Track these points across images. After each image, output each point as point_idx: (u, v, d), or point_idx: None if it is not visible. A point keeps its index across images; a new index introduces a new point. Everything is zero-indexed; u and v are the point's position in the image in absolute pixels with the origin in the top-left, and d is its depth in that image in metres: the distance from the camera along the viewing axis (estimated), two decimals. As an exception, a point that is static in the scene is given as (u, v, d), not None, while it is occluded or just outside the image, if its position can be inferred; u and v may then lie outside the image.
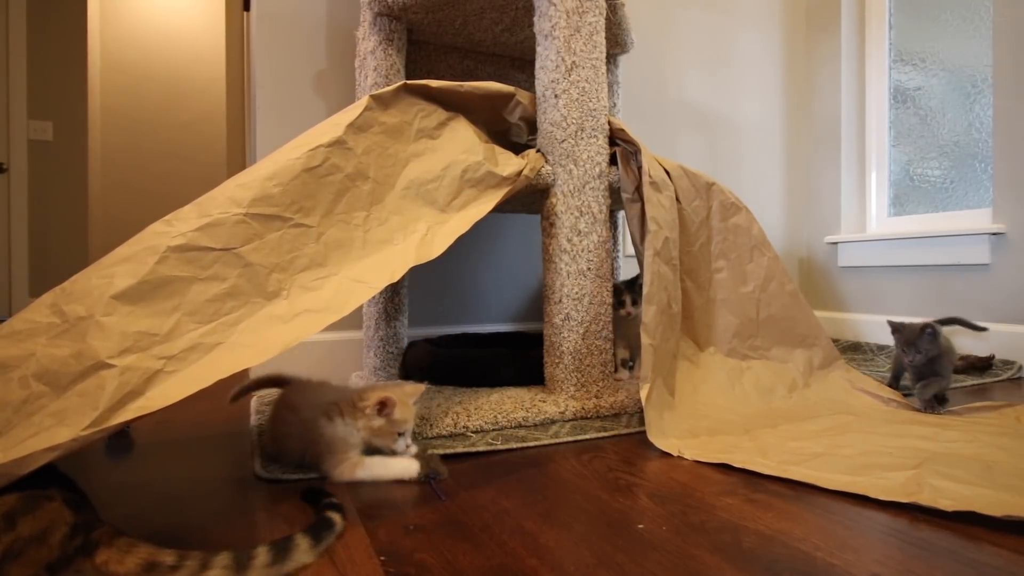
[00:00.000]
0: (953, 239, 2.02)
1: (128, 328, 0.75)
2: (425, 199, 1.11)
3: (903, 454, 0.96)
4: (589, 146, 1.32)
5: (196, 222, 0.86)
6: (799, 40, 2.59)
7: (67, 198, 3.72)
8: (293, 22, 1.70)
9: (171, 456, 1.08)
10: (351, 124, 1.05)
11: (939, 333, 1.26)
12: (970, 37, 2.12)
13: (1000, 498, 0.76)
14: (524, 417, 1.20)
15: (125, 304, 0.77)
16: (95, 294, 0.77)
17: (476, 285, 1.95)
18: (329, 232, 0.98)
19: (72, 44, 3.71)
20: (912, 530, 0.72)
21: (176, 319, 0.79)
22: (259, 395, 1.55)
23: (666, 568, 0.64)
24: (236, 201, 0.90)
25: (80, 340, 0.72)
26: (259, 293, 0.88)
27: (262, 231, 0.91)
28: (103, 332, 0.74)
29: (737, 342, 1.43)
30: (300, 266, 0.93)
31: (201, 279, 0.83)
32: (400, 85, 1.15)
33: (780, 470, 0.92)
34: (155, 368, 0.74)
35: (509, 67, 1.83)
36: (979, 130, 2.08)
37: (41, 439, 0.65)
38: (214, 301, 0.83)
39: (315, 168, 0.98)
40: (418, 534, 0.73)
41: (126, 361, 0.73)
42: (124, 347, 0.74)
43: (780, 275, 1.46)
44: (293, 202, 0.95)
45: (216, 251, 0.85)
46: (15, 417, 0.68)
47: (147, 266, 0.80)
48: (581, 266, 1.30)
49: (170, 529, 0.76)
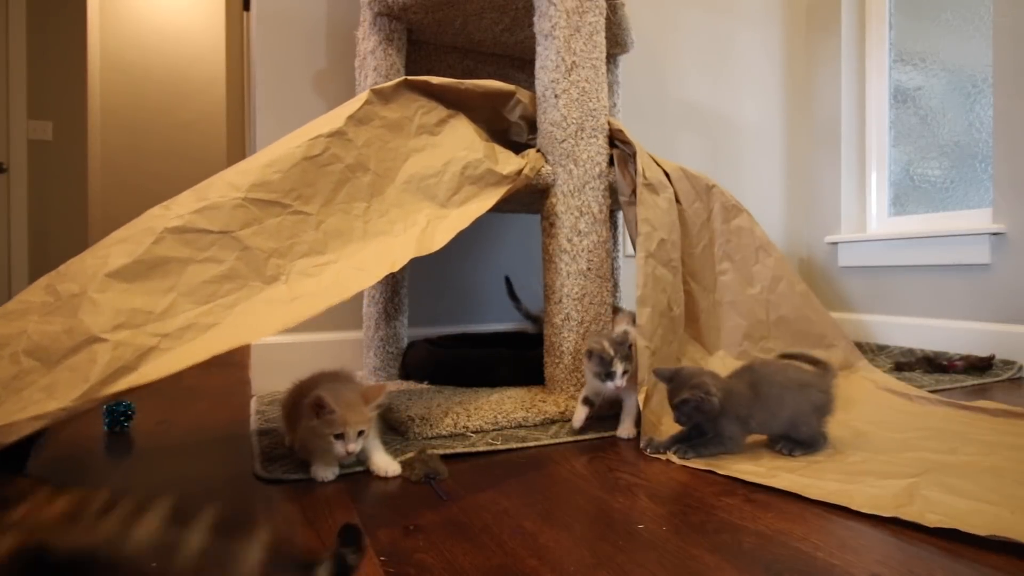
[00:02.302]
0: (953, 239, 2.02)
1: (122, 305, 0.75)
2: (425, 193, 1.11)
3: (907, 462, 0.94)
4: (589, 146, 1.32)
5: (194, 205, 0.86)
6: (799, 40, 2.59)
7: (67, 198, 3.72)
8: (293, 22, 1.70)
9: (171, 456, 1.08)
10: (351, 116, 1.05)
11: (707, 400, 0.97)
12: (970, 37, 2.12)
13: (997, 514, 0.73)
14: (524, 417, 1.20)
15: (120, 282, 0.77)
16: (89, 272, 0.76)
17: (476, 285, 1.95)
18: (329, 220, 0.98)
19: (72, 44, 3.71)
20: (913, 530, 0.72)
21: (172, 299, 0.79)
22: (260, 395, 1.55)
23: (666, 568, 0.64)
24: (235, 186, 0.90)
25: (72, 316, 0.72)
26: (257, 276, 0.87)
27: (261, 216, 0.90)
28: (96, 308, 0.73)
29: (748, 344, 1.41)
30: (299, 252, 0.93)
31: (198, 260, 0.83)
32: (401, 80, 1.15)
33: (767, 476, 0.90)
34: (149, 344, 0.74)
35: (509, 67, 1.83)
36: (979, 130, 2.08)
37: (28, 412, 0.66)
38: (211, 282, 0.83)
39: (315, 157, 0.98)
40: (418, 534, 0.73)
41: (119, 336, 0.72)
42: (117, 323, 0.73)
43: (789, 275, 1.44)
44: (292, 189, 0.95)
45: (214, 233, 0.85)
46: (4, 392, 0.68)
47: (143, 246, 0.80)
48: (581, 266, 1.30)
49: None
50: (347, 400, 0.89)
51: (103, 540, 0.54)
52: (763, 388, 1.01)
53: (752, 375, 1.02)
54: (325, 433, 0.88)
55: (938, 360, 1.76)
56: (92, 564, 0.53)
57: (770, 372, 1.03)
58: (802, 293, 1.43)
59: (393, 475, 0.94)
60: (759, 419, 1.02)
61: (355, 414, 0.89)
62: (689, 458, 0.99)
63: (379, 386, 0.94)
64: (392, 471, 0.94)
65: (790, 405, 0.99)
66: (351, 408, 0.89)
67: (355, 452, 0.90)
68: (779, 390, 1.00)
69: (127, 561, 0.54)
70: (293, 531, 0.75)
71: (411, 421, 1.13)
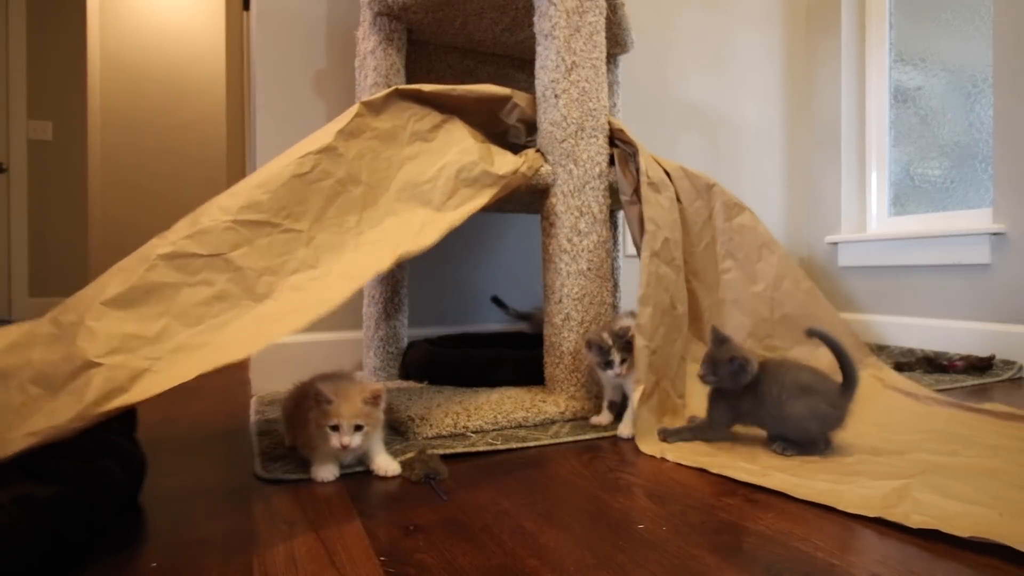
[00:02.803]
0: (953, 239, 2.02)
1: (116, 331, 0.78)
2: (420, 200, 1.11)
3: (904, 463, 0.93)
4: (589, 146, 1.32)
5: (186, 231, 0.88)
6: (799, 40, 2.59)
7: (67, 198, 3.72)
8: (293, 22, 1.70)
9: (171, 455, 1.08)
10: (341, 131, 1.06)
11: (751, 364, 1.00)
12: (970, 37, 2.12)
13: (985, 516, 0.73)
14: (524, 417, 1.20)
15: (114, 309, 0.80)
16: (87, 302, 0.80)
17: (476, 285, 1.95)
18: (320, 236, 0.99)
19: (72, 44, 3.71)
20: (913, 530, 0.72)
21: (164, 323, 0.81)
22: (260, 395, 1.55)
23: (666, 568, 0.64)
24: (225, 209, 0.92)
25: (71, 344, 0.75)
26: (249, 296, 0.89)
27: (251, 237, 0.92)
28: (92, 335, 0.76)
29: (752, 342, 1.41)
30: (291, 269, 0.94)
31: (190, 284, 0.85)
32: (391, 90, 1.15)
33: (759, 476, 0.89)
34: (142, 367, 0.76)
35: (509, 67, 1.83)
36: (979, 130, 2.08)
37: (23, 430, 0.68)
38: (203, 304, 0.85)
39: (305, 175, 1.00)
40: (418, 534, 0.73)
41: (113, 360, 0.75)
42: (112, 347, 0.76)
43: (793, 273, 1.43)
44: (283, 208, 0.96)
45: (204, 257, 0.87)
46: (15, 419, 0.70)
47: (137, 274, 0.83)
48: (581, 266, 1.30)
49: (170, 529, 0.76)
50: (345, 393, 0.91)
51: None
52: (764, 385, 1.01)
53: (760, 370, 1.03)
54: (322, 424, 0.90)
55: (938, 360, 1.76)
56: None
57: (777, 371, 1.03)
58: (807, 290, 1.43)
59: (393, 475, 0.94)
60: (751, 411, 1.03)
61: (351, 407, 0.90)
62: (672, 441, 1.05)
63: (378, 385, 0.95)
64: (392, 471, 0.94)
65: (788, 407, 0.99)
66: (347, 401, 0.90)
67: (350, 446, 0.90)
68: (779, 389, 1.00)
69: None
70: (293, 531, 0.75)
71: (411, 421, 1.13)
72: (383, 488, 0.90)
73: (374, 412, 0.93)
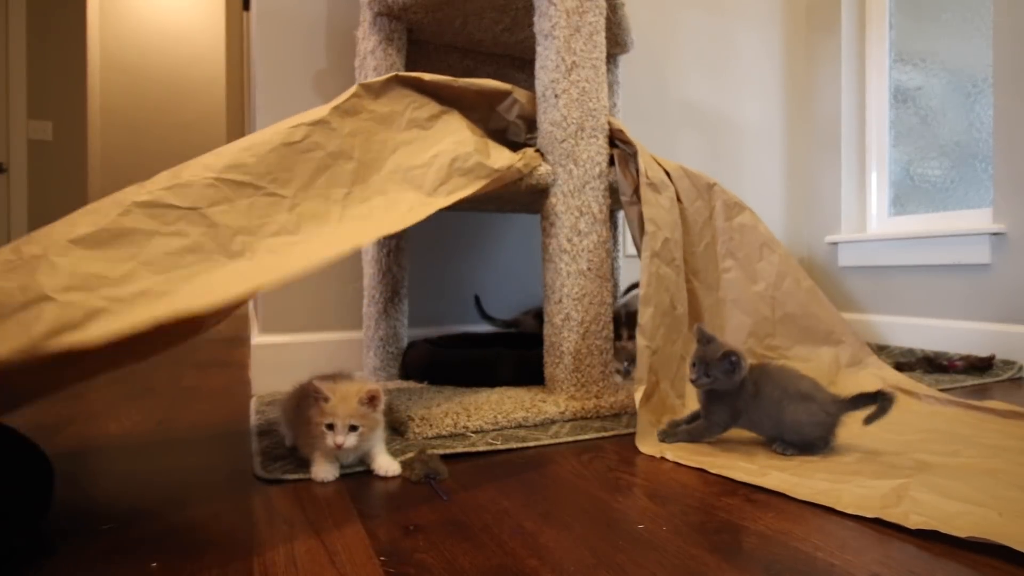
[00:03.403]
0: (953, 239, 2.02)
1: (79, 269, 0.75)
2: (412, 183, 1.11)
3: (904, 463, 0.93)
4: (589, 146, 1.32)
5: (166, 183, 0.87)
6: (799, 40, 2.59)
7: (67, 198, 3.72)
8: (293, 22, 1.70)
9: (171, 455, 1.08)
10: (337, 107, 1.07)
11: (743, 361, 1.01)
12: (970, 37, 2.12)
13: (984, 516, 0.72)
14: (524, 417, 1.20)
15: (81, 248, 0.77)
16: (54, 237, 0.77)
17: (476, 285, 1.95)
18: (304, 204, 0.98)
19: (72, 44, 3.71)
20: (913, 530, 0.72)
21: (131, 267, 0.79)
22: (260, 395, 1.55)
23: (666, 568, 0.64)
24: (208, 167, 0.90)
25: (29, 275, 0.73)
26: (222, 252, 0.87)
27: (232, 196, 0.91)
28: (53, 270, 0.74)
29: (753, 342, 1.41)
30: (269, 232, 0.93)
31: (163, 234, 0.83)
32: (391, 76, 1.15)
33: (758, 475, 0.89)
34: (98, 307, 0.73)
35: (509, 67, 1.83)
36: (979, 130, 2.08)
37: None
38: (173, 254, 0.83)
39: (295, 143, 0.99)
40: (418, 534, 0.73)
41: (69, 297, 0.72)
42: (70, 285, 0.74)
43: (794, 272, 1.43)
44: (268, 172, 0.95)
45: (181, 209, 0.86)
46: None
47: (109, 217, 0.81)
48: (581, 266, 1.30)
49: (170, 529, 0.76)
50: (342, 392, 0.90)
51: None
52: (766, 388, 1.01)
53: (760, 373, 1.03)
54: (318, 422, 0.90)
55: (938, 360, 1.76)
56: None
57: (778, 376, 1.03)
58: (808, 289, 1.42)
59: (393, 475, 0.94)
60: (752, 416, 1.03)
61: (347, 406, 0.89)
62: (671, 442, 1.05)
63: (375, 386, 0.94)
64: (393, 471, 0.94)
65: (787, 412, 0.99)
66: (344, 400, 0.90)
67: (344, 446, 0.89)
68: (780, 394, 1.00)
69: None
70: (293, 531, 0.75)
71: (411, 421, 1.13)
72: (383, 488, 0.90)
73: (371, 413, 0.92)
